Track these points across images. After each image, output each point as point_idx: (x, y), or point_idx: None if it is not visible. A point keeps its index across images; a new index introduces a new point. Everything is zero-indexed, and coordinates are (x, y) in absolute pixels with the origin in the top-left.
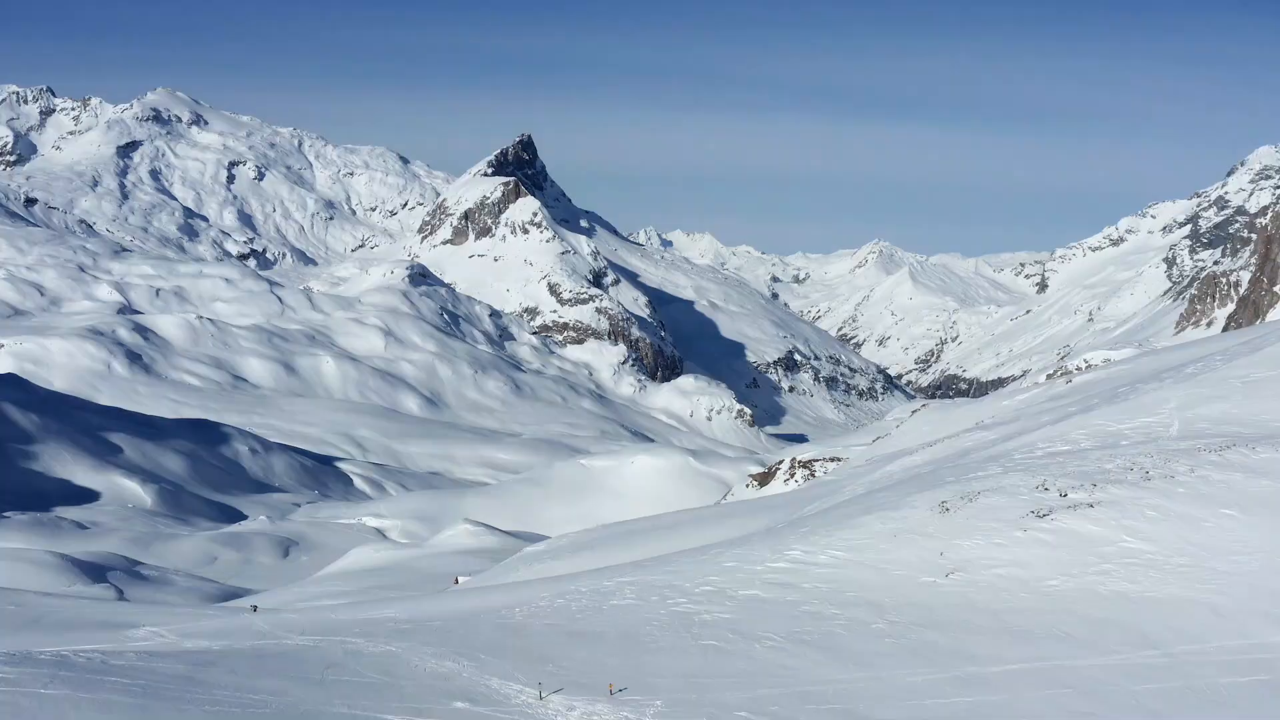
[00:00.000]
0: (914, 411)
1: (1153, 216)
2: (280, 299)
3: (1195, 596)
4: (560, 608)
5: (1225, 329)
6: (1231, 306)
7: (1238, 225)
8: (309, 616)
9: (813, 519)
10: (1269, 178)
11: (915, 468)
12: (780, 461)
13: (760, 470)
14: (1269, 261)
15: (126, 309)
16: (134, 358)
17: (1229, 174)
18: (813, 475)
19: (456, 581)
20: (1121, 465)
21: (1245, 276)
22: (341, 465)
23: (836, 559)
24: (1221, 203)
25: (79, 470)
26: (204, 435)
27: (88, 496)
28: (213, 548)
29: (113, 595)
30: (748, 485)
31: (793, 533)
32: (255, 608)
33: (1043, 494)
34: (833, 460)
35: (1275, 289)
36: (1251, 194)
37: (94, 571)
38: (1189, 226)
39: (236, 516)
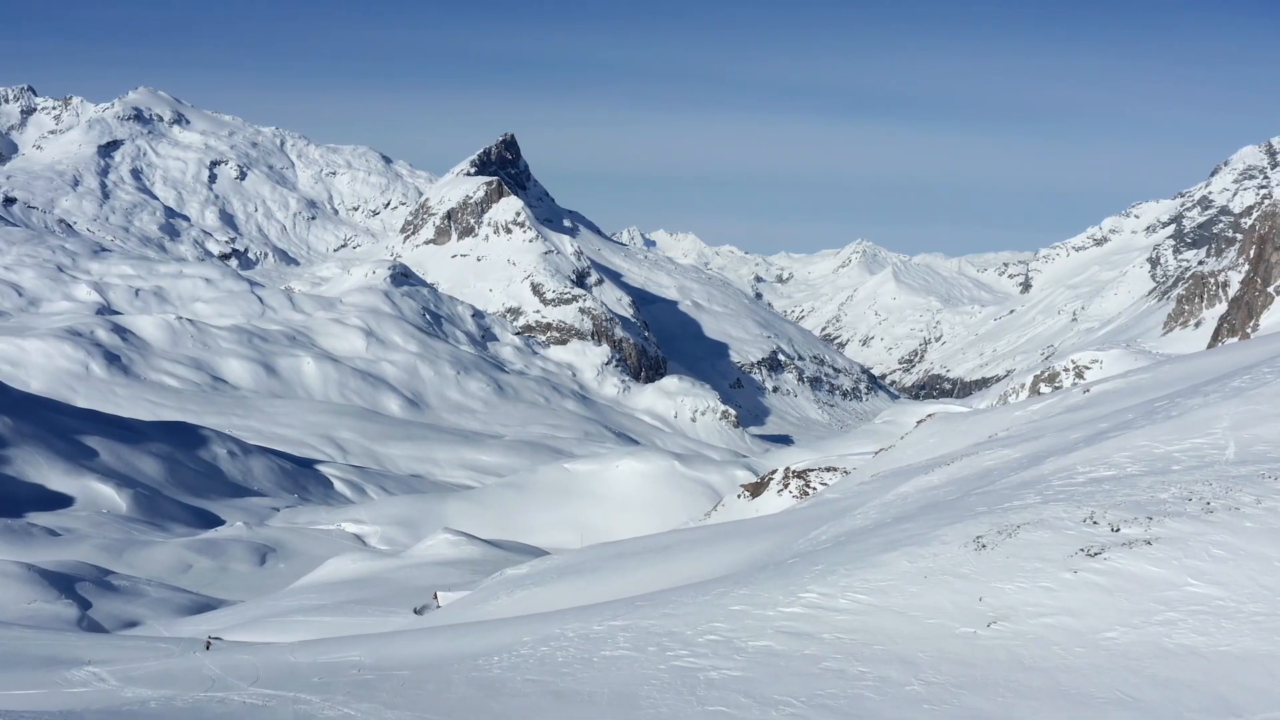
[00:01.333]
0: (919, 422)
1: (1136, 216)
2: (261, 299)
3: (1276, 651)
4: (544, 657)
5: (1217, 330)
6: (1220, 307)
7: (1222, 225)
8: (264, 656)
9: (827, 553)
10: (1253, 177)
11: (933, 490)
12: (773, 471)
13: (752, 480)
14: (1263, 262)
15: (105, 309)
16: (112, 359)
17: (1212, 174)
18: (808, 486)
19: (435, 597)
20: (1178, 495)
21: (1234, 277)
22: (322, 468)
23: (859, 604)
24: (1205, 202)
25: (53, 475)
26: (182, 438)
27: (61, 502)
28: (187, 555)
29: (75, 613)
30: (739, 496)
31: (806, 569)
32: (209, 643)
33: (1092, 528)
34: (828, 470)
35: (1269, 289)
36: (1235, 194)
37: (61, 583)
38: (1173, 226)
39: (214, 521)
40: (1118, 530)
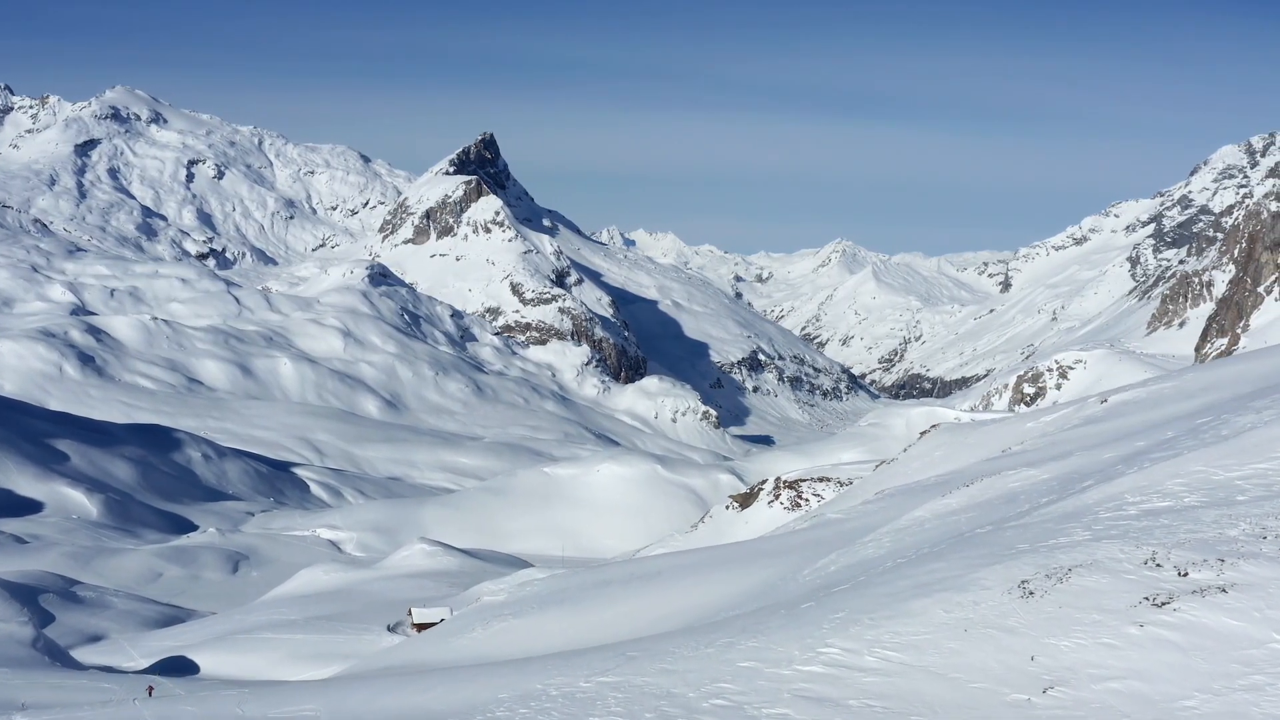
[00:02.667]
0: (922, 433)
1: (1116, 215)
2: (237, 299)
3: None
4: None
5: (1205, 330)
6: (1204, 306)
7: (1202, 224)
8: (209, 709)
9: (846, 597)
10: (1232, 176)
11: (953, 516)
12: (762, 481)
13: (736, 485)
14: (1253, 261)
15: (80, 310)
16: (86, 360)
17: (1192, 173)
18: (800, 498)
19: (410, 613)
20: (1249, 531)
21: (1218, 276)
22: (298, 471)
23: (890, 663)
24: (1185, 202)
25: (22, 480)
26: (155, 441)
27: (30, 508)
28: (158, 563)
29: (30, 633)
30: (728, 507)
31: (824, 617)
32: (151, 690)
33: (1155, 572)
34: (821, 480)
35: (1259, 289)
36: (1215, 193)
37: (23, 595)
38: (1152, 226)
39: (187, 527)
40: (1185, 575)
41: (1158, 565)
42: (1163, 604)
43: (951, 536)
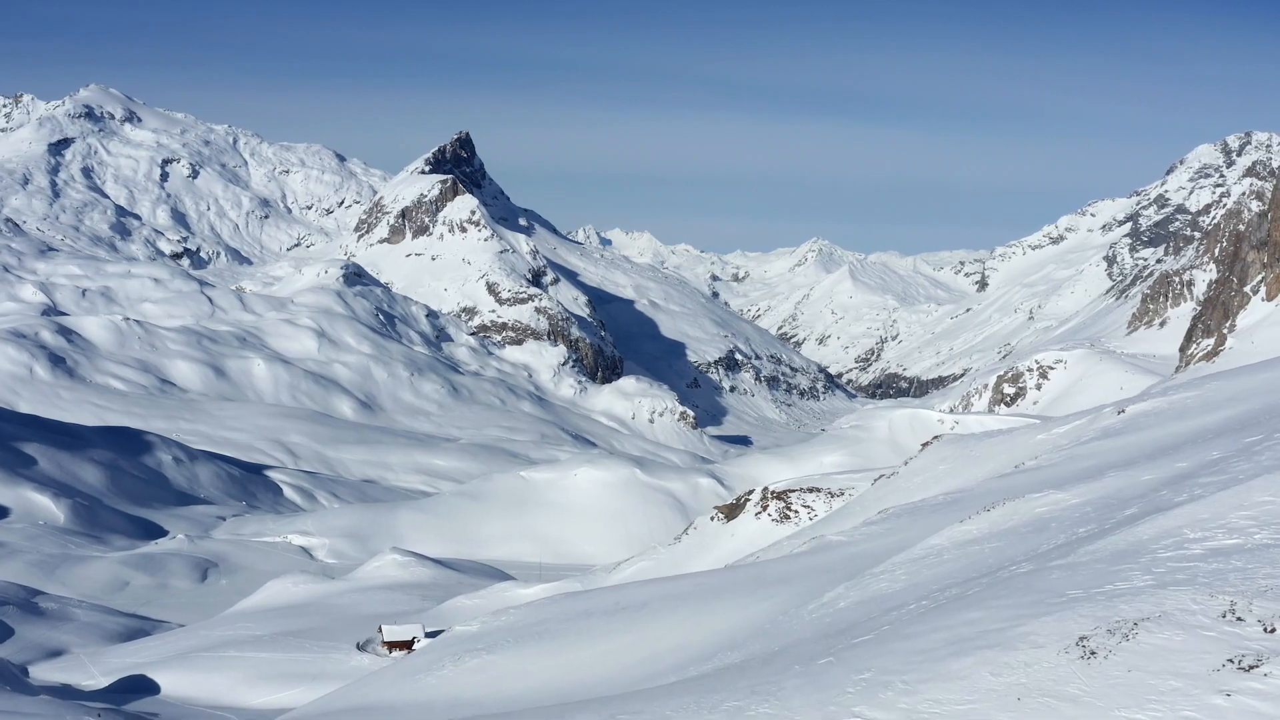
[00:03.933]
0: (924, 445)
1: (1092, 215)
2: (210, 299)
3: None
4: None
5: (1190, 330)
6: (1184, 306)
7: (1178, 223)
8: None
9: (871, 653)
10: (1208, 176)
11: (975, 546)
12: (749, 491)
13: (717, 488)
14: (1239, 260)
15: (51, 310)
16: (57, 361)
17: (1168, 172)
18: (789, 509)
19: (380, 630)
20: None
21: (1198, 275)
22: (271, 474)
23: None
24: (1161, 201)
25: None
26: (125, 444)
27: None
28: (124, 571)
29: None
30: (713, 518)
31: (848, 678)
32: (99, 716)
33: (1236, 627)
34: (811, 491)
35: (1245, 289)
36: (1191, 192)
37: None
38: (1129, 225)
39: (156, 532)
40: (1273, 630)
41: (1239, 619)
42: (1250, 667)
43: (980, 574)
